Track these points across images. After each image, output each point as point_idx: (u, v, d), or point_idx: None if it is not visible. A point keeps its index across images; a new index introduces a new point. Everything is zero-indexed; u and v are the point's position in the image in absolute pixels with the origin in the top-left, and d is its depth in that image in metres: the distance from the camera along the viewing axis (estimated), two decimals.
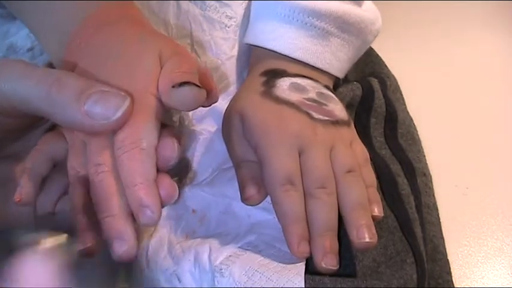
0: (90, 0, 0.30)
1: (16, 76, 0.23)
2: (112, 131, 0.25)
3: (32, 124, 0.27)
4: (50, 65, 0.32)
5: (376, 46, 0.41)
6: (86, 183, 0.26)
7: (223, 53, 0.38)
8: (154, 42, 0.29)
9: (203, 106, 0.30)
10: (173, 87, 0.26)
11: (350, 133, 0.33)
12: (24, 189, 0.26)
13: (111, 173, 0.25)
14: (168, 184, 0.25)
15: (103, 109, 0.23)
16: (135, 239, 0.24)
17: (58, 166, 0.29)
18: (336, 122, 0.32)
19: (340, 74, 0.38)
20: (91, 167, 0.25)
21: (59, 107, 0.23)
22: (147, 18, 0.33)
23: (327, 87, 0.35)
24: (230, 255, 0.30)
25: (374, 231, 0.28)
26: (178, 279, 0.31)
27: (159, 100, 0.27)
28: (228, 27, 0.39)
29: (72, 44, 0.28)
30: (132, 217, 0.25)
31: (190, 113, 0.37)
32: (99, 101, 0.23)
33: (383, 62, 0.47)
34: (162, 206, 0.25)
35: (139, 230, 0.31)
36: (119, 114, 0.24)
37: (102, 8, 0.29)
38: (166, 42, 0.30)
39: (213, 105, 0.33)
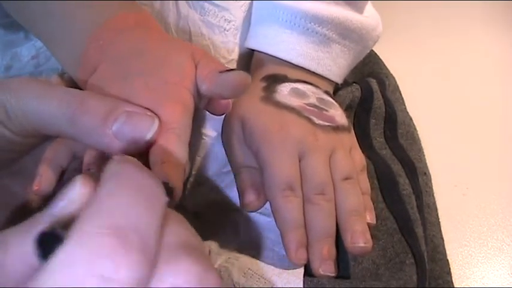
0: (106, 6, 0.29)
1: (37, 98, 0.22)
2: (140, 152, 0.23)
3: (42, 141, 0.26)
4: (62, 74, 0.31)
5: (375, 46, 0.41)
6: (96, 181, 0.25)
7: (222, 57, 0.38)
8: (185, 44, 0.29)
9: (215, 114, 0.31)
10: (220, 72, 0.26)
11: (350, 139, 0.34)
12: (43, 178, 0.26)
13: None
14: None
15: (131, 131, 0.22)
16: None
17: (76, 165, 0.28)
18: (337, 128, 0.32)
19: (339, 80, 0.38)
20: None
21: (84, 130, 0.22)
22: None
23: (327, 92, 0.36)
24: (229, 258, 0.31)
25: (369, 236, 0.29)
26: None
27: (193, 96, 0.26)
28: (227, 31, 0.39)
29: (91, 47, 0.28)
30: None
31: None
32: (126, 123, 0.22)
33: (382, 61, 0.47)
34: None
35: None
36: (149, 136, 0.23)
37: (121, 15, 0.29)
38: (196, 46, 0.30)
39: None
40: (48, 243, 0.15)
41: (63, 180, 0.28)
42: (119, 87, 0.25)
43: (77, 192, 0.16)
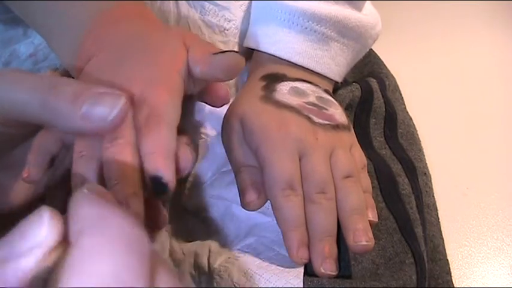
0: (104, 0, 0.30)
1: (9, 84, 0.22)
2: (109, 132, 0.23)
3: (33, 133, 0.26)
4: (55, 70, 0.31)
5: (375, 45, 0.41)
6: (90, 163, 0.24)
7: None
8: (177, 29, 0.29)
9: (215, 106, 0.30)
10: (214, 54, 0.26)
11: (350, 138, 0.33)
12: (32, 165, 0.26)
13: (129, 145, 0.23)
14: (185, 156, 0.25)
15: (99, 111, 0.22)
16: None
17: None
18: (337, 127, 0.32)
19: (339, 78, 0.38)
20: (106, 142, 0.24)
21: (56, 114, 0.22)
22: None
23: (326, 91, 0.35)
24: (229, 257, 0.31)
25: (371, 235, 0.28)
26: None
27: (183, 80, 0.26)
28: (227, 30, 0.39)
29: (88, 38, 0.28)
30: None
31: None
32: (96, 103, 0.22)
33: (382, 61, 0.47)
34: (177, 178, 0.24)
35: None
36: (114, 113, 0.22)
37: (117, 6, 0.29)
38: (187, 31, 0.30)
39: (212, 109, 0.33)
40: None
41: (54, 166, 0.27)
42: (111, 74, 0.26)
43: (43, 235, 0.14)
